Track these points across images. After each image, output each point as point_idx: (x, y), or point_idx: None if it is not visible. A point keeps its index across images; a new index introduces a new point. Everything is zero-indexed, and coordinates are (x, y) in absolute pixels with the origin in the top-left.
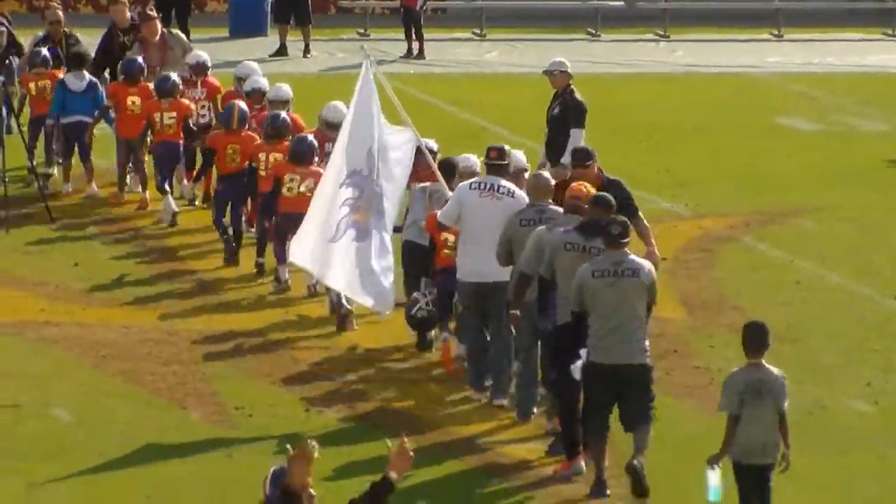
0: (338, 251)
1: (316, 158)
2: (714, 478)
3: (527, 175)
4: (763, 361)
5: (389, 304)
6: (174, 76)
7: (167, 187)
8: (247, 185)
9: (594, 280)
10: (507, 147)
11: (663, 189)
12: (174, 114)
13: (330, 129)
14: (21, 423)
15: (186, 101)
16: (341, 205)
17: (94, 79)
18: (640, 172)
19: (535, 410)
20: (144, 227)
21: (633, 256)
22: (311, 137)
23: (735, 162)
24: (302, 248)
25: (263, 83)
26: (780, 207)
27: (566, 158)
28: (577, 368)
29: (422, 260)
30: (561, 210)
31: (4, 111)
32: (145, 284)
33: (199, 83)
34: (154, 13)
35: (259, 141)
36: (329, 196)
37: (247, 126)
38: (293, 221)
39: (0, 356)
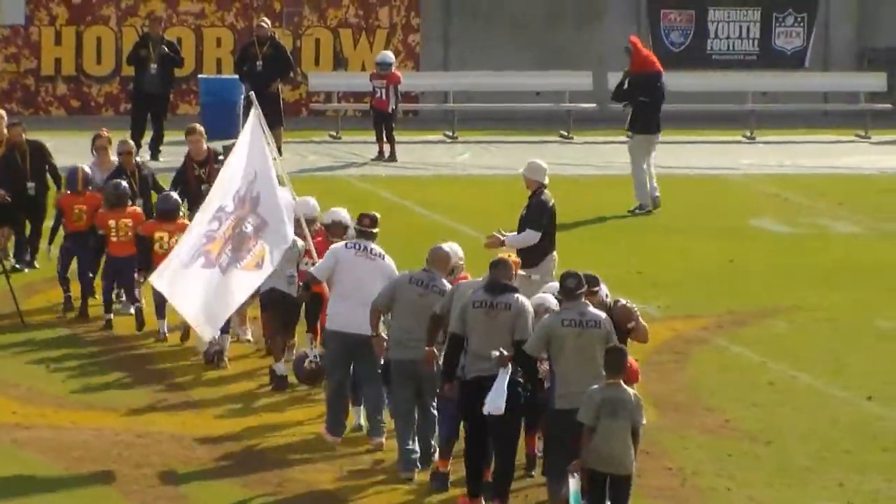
0: (187, 276)
1: (181, 214)
2: (573, 484)
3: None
4: (621, 382)
5: (213, 334)
6: None
7: None
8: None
9: (563, 329)
10: (378, 216)
11: (635, 290)
12: None
13: (329, 229)
14: None
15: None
16: (203, 234)
17: None
18: (612, 273)
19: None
20: (115, 331)
21: (591, 308)
22: (175, 195)
23: (707, 263)
24: (160, 274)
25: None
26: (752, 309)
27: (511, 242)
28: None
29: (286, 308)
30: (446, 283)
31: None
32: (116, 387)
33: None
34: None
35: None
36: (195, 227)
37: (91, 188)
38: None
39: None
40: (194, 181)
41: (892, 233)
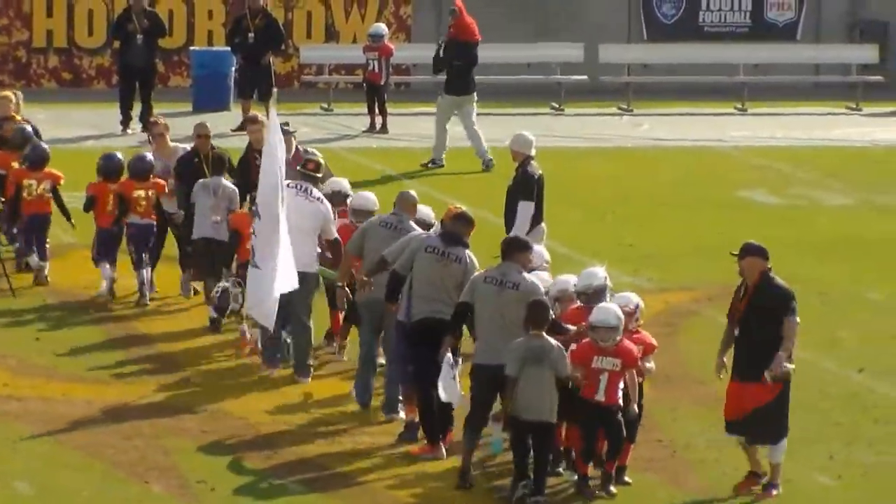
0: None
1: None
2: (497, 432)
3: (434, 230)
4: (543, 333)
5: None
6: None
7: None
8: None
9: (484, 285)
10: (323, 161)
11: (627, 263)
12: None
13: (356, 216)
14: None
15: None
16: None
17: None
18: (604, 246)
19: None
20: (106, 302)
21: (521, 273)
22: (45, 146)
23: (699, 235)
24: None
25: (344, 185)
26: None
27: (518, 229)
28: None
29: (213, 253)
30: (415, 225)
31: None
32: (107, 358)
33: (337, 214)
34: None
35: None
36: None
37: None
38: (39, 220)
39: None
40: (257, 174)
41: (883, 205)
